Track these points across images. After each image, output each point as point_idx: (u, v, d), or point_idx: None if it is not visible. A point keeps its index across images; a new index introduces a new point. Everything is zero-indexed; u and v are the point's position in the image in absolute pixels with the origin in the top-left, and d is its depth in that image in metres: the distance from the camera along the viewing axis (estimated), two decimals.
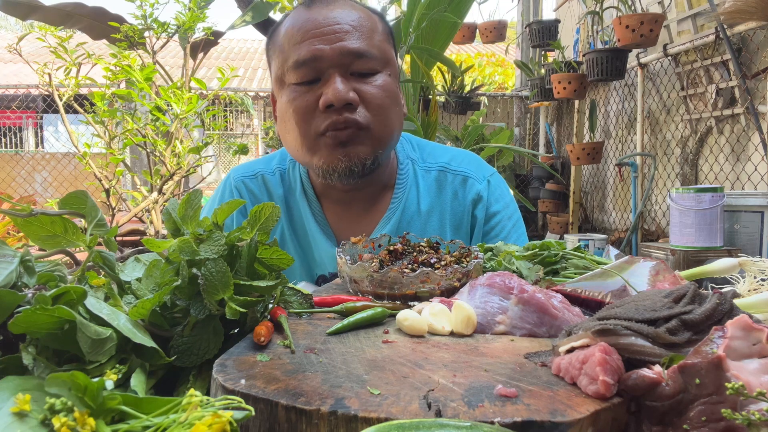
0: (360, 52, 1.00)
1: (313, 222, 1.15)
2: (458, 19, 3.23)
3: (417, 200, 1.16)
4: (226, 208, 0.64)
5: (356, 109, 1.01)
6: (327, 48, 0.99)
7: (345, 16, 1.03)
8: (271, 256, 0.64)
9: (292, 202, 1.17)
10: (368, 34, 1.03)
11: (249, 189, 1.20)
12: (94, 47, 4.37)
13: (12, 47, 4.23)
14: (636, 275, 0.71)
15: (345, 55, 1.00)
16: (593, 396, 0.45)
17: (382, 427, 0.38)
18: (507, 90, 7.30)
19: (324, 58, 0.99)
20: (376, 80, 1.04)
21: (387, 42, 1.08)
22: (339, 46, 0.99)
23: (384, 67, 1.05)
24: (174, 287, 0.57)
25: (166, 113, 3.58)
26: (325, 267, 1.15)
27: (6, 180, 7.42)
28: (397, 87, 1.09)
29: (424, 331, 0.61)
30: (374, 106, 1.02)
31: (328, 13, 1.03)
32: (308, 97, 1.01)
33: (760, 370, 0.43)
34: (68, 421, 0.36)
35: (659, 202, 4.08)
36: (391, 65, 1.07)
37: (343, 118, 0.99)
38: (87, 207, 0.62)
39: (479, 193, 1.17)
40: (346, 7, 1.05)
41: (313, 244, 1.15)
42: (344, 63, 1.00)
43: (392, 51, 1.10)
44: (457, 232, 1.17)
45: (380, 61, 1.04)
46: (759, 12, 2.75)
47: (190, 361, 0.55)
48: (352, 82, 1.01)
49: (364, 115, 1.01)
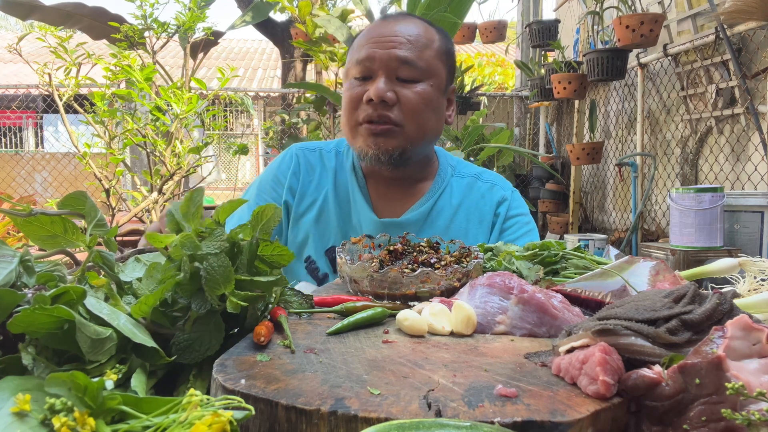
0: (406, 60, 1.18)
1: (358, 192, 1.30)
2: (458, 19, 3.23)
3: (450, 195, 1.33)
4: (227, 207, 0.64)
5: (392, 108, 1.17)
6: (381, 52, 1.18)
7: (405, 30, 1.21)
8: (272, 252, 0.64)
9: (341, 174, 1.34)
10: (420, 47, 1.20)
11: (306, 158, 1.36)
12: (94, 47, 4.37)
13: (12, 47, 4.23)
14: (636, 275, 0.71)
15: (393, 60, 1.17)
16: (593, 396, 0.45)
17: (382, 427, 0.38)
18: (507, 90, 7.30)
19: (376, 59, 1.18)
20: (416, 87, 1.19)
21: (438, 59, 1.24)
22: (389, 52, 1.18)
23: (427, 78, 1.20)
24: (176, 282, 0.57)
25: (166, 113, 3.58)
26: (361, 230, 1.29)
27: (6, 180, 7.42)
28: (437, 97, 1.24)
29: (424, 331, 0.61)
30: (409, 108, 1.18)
31: (394, 26, 1.22)
32: (359, 90, 1.20)
33: (760, 370, 0.43)
34: (68, 421, 0.36)
35: (659, 202, 4.08)
36: (436, 77, 1.22)
37: (377, 113, 1.17)
38: (86, 207, 0.62)
39: (504, 196, 1.35)
40: (411, 23, 1.24)
41: (353, 210, 1.30)
42: (392, 67, 1.18)
43: (442, 67, 1.25)
44: (480, 225, 1.32)
45: (424, 72, 1.20)
46: (759, 12, 2.75)
47: (192, 358, 0.55)
48: (394, 85, 1.18)
49: (398, 114, 1.18)
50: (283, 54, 6.48)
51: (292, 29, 4.91)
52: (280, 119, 5.45)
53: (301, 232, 1.29)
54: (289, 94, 5.69)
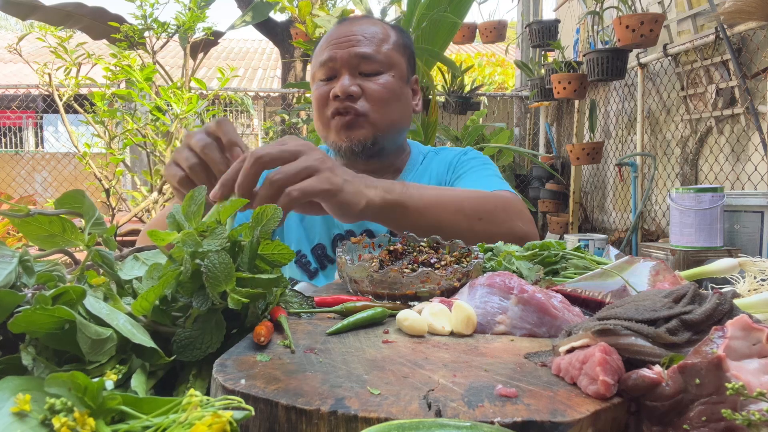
0: (365, 55, 1.25)
1: None
2: (458, 19, 3.23)
3: (419, 179, 1.37)
4: (229, 207, 0.64)
5: (357, 100, 1.24)
6: (341, 52, 1.26)
7: (362, 29, 1.29)
8: (273, 251, 0.64)
9: None
10: (378, 42, 1.28)
11: None
12: (94, 47, 4.38)
13: (12, 47, 4.23)
14: (636, 275, 0.71)
15: (353, 57, 1.25)
16: (593, 396, 0.45)
17: (382, 427, 0.38)
18: (507, 90, 7.30)
19: (337, 59, 1.25)
20: (379, 79, 1.27)
21: (397, 51, 1.31)
22: (349, 51, 1.25)
23: (388, 69, 1.28)
24: (177, 277, 0.57)
25: (166, 113, 3.58)
26: (341, 227, 1.34)
27: (6, 180, 7.42)
28: (400, 87, 1.31)
29: (424, 331, 0.61)
30: (374, 98, 1.26)
31: (350, 27, 1.30)
32: (325, 89, 1.27)
33: (760, 370, 0.43)
34: (68, 421, 0.36)
35: (659, 202, 4.08)
36: (396, 69, 1.30)
37: (344, 105, 1.24)
38: (84, 206, 0.62)
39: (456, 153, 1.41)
40: (366, 23, 1.32)
41: None
42: (353, 64, 1.25)
43: (401, 59, 1.32)
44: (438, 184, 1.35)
45: (384, 64, 1.27)
46: (759, 12, 2.75)
47: (193, 356, 0.55)
48: (358, 80, 1.26)
49: (363, 105, 1.25)
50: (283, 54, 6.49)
51: (292, 29, 4.92)
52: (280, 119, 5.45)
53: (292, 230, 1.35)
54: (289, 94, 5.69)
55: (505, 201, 1.09)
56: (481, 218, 1.02)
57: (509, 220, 1.06)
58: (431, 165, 1.40)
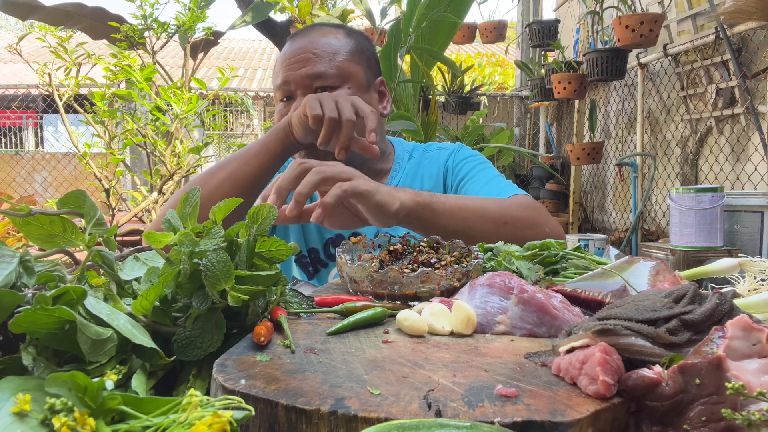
0: (317, 75, 1.24)
1: None
2: (458, 19, 3.23)
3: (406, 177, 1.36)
4: (223, 207, 0.64)
5: None
6: (293, 74, 1.25)
7: (312, 44, 1.27)
8: (270, 248, 0.64)
9: None
10: (329, 57, 1.26)
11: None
12: (94, 47, 4.38)
13: (12, 47, 4.23)
14: (636, 275, 0.71)
15: (305, 78, 1.24)
16: (593, 396, 0.45)
17: (382, 427, 0.38)
18: (507, 90, 7.30)
19: (291, 82, 1.25)
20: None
21: (352, 60, 1.29)
22: (300, 72, 1.24)
23: (344, 82, 1.26)
24: (176, 275, 0.57)
25: (166, 113, 3.58)
26: (333, 231, 1.33)
27: (6, 180, 7.42)
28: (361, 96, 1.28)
29: (424, 331, 0.61)
30: None
31: (302, 43, 1.27)
32: (285, 111, 1.27)
33: (760, 370, 0.43)
34: (68, 421, 0.36)
35: (659, 202, 4.08)
36: (352, 79, 1.28)
37: None
38: (85, 206, 0.62)
39: (450, 153, 1.38)
40: (316, 34, 1.29)
41: None
42: (306, 84, 1.24)
43: (357, 67, 1.30)
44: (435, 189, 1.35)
45: (339, 78, 1.26)
46: (759, 12, 2.75)
47: (193, 355, 0.55)
48: None
49: None
50: None
51: (292, 29, 4.91)
52: None
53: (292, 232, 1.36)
54: None
55: (527, 205, 1.14)
56: (507, 222, 1.07)
57: (535, 225, 1.10)
58: (422, 165, 1.37)
